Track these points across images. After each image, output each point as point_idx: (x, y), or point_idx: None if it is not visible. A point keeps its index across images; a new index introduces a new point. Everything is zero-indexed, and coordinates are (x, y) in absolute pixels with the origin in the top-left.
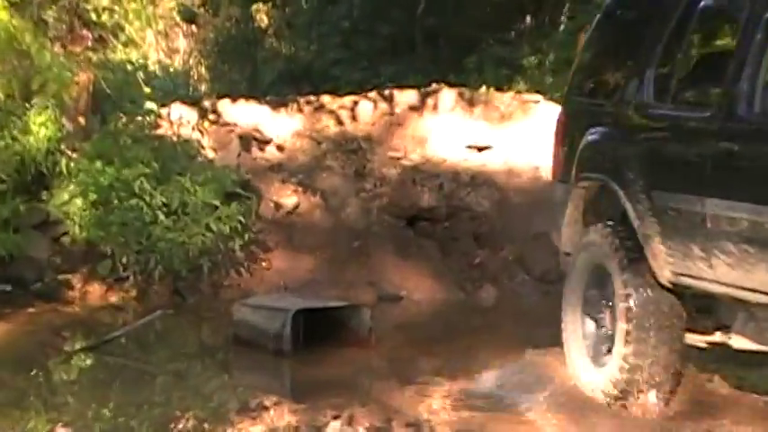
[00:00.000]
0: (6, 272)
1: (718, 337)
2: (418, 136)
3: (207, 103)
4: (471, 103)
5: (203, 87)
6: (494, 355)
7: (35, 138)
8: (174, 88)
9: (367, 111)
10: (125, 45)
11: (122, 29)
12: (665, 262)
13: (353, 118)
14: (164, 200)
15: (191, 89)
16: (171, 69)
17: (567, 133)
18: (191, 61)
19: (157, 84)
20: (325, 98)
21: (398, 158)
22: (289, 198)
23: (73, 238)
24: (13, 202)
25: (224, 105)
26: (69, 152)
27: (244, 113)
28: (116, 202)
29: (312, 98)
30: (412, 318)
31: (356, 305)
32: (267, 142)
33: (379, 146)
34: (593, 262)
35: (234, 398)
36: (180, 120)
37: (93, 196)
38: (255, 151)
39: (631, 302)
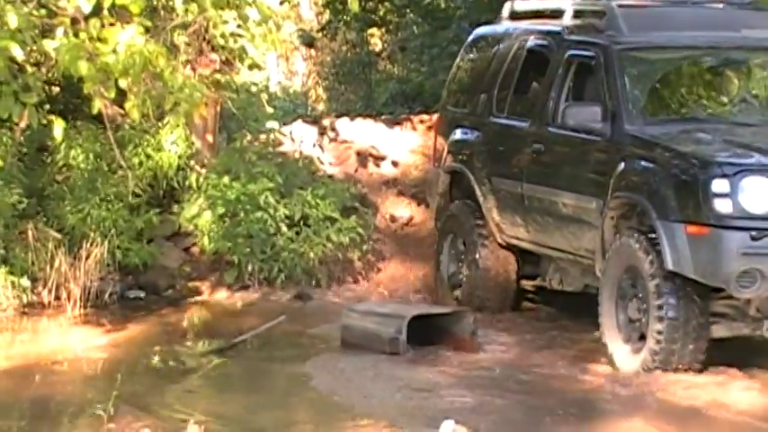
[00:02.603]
0: (140, 280)
1: (539, 281)
2: None
3: (326, 122)
4: None
5: (321, 107)
6: None
7: (167, 154)
8: (293, 108)
9: None
10: (249, 68)
11: (247, 53)
12: (499, 227)
13: None
14: (287, 213)
15: (309, 109)
16: (291, 90)
17: (441, 133)
18: (309, 82)
19: (278, 104)
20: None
21: None
22: (403, 211)
23: (202, 249)
24: (146, 214)
25: (342, 124)
26: (198, 168)
27: (360, 131)
28: (242, 214)
29: (424, 117)
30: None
31: (460, 310)
32: (383, 158)
33: None
34: (454, 228)
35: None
36: (301, 137)
37: (220, 209)
38: (372, 167)
39: (477, 255)
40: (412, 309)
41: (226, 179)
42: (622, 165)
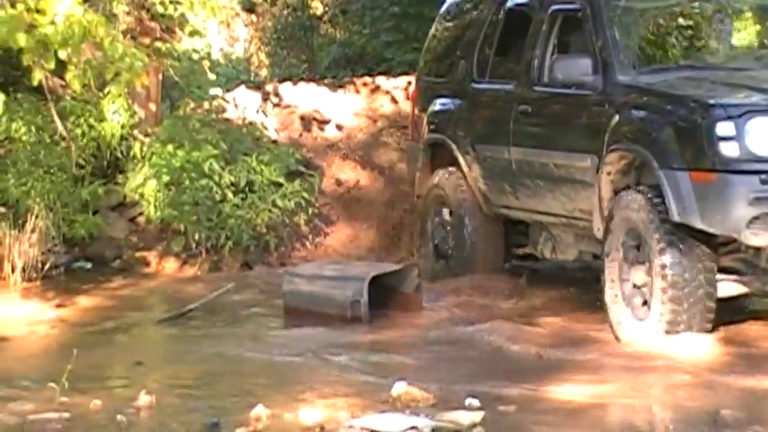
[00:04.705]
0: (87, 251)
1: (529, 249)
2: None
3: (269, 87)
4: None
5: (264, 72)
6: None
7: (110, 125)
8: (236, 74)
9: None
10: (190, 35)
11: (187, 20)
12: (485, 197)
13: (407, 97)
14: (232, 179)
15: (252, 75)
16: (233, 57)
17: (418, 105)
18: (251, 48)
19: (221, 70)
20: (380, 79)
21: None
22: (349, 174)
23: (148, 218)
24: (91, 185)
25: (285, 89)
26: (142, 137)
27: (304, 96)
28: (187, 182)
29: (368, 79)
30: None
31: (405, 266)
32: (327, 122)
33: None
34: (438, 200)
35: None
36: (245, 103)
37: (165, 178)
38: (316, 131)
39: (464, 228)
40: (365, 269)
41: (170, 147)
42: (617, 117)
